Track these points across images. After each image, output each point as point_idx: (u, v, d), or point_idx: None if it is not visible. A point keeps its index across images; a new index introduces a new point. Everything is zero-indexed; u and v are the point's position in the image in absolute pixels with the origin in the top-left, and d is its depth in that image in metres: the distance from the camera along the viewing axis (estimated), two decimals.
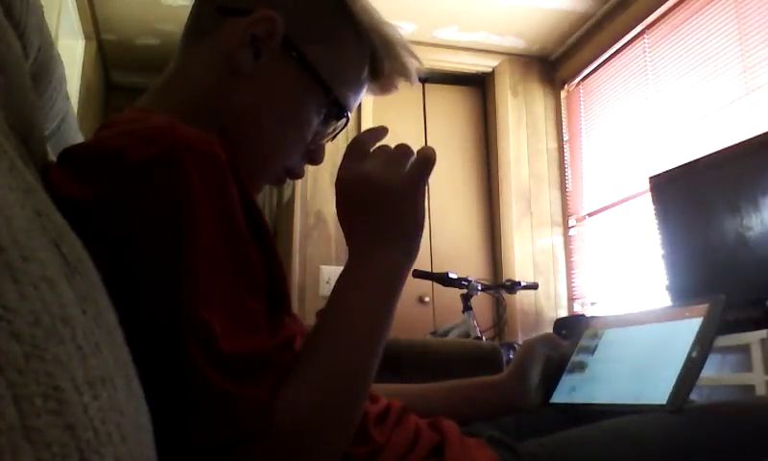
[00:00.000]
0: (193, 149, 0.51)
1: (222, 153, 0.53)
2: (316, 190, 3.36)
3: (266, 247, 0.57)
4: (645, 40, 3.14)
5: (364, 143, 0.64)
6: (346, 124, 0.74)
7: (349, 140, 0.64)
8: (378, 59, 0.74)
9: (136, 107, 0.68)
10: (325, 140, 0.76)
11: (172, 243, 0.49)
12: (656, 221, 2.12)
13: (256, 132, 0.69)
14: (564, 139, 3.74)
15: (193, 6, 0.73)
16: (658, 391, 0.71)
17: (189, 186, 0.50)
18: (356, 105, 0.76)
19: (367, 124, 3.47)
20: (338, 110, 0.72)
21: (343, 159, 0.63)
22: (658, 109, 3.01)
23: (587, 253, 3.50)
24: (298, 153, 0.73)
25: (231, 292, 0.51)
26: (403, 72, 0.76)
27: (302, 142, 0.72)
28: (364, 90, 0.76)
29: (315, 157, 0.75)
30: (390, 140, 0.64)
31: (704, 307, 0.74)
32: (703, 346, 0.71)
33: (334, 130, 0.75)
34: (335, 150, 0.86)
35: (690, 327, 0.74)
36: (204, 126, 0.58)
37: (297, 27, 0.68)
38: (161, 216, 0.49)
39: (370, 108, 3.51)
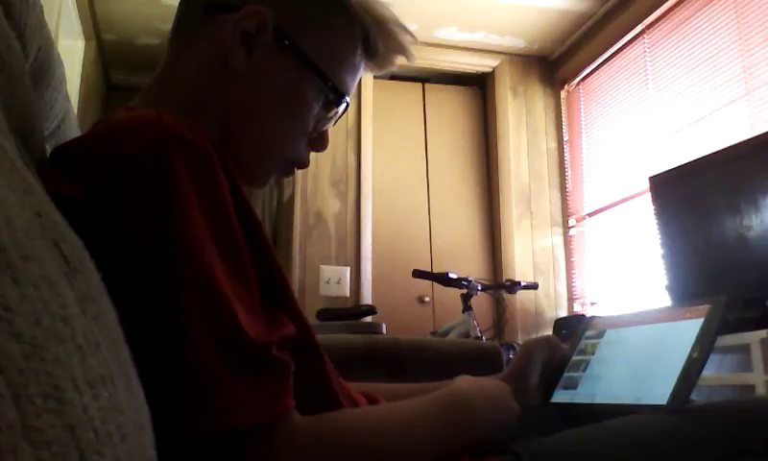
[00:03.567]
0: (181, 139, 0.52)
1: (209, 144, 0.54)
2: (316, 190, 3.36)
3: (258, 242, 0.57)
4: (645, 40, 3.14)
5: None
6: (346, 108, 0.74)
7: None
8: (372, 39, 0.74)
9: (129, 107, 0.68)
10: (327, 126, 0.76)
11: (162, 232, 0.49)
12: (656, 221, 2.12)
13: (258, 127, 0.69)
14: (564, 139, 3.74)
15: (179, 5, 0.73)
16: (658, 391, 0.70)
17: (177, 175, 0.50)
18: (354, 86, 0.76)
19: (367, 123, 3.47)
20: (337, 96, 0.72)
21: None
22: (657, 108, 3.01)
23: (587, 253, 3.50)
24: (301, 142, 0.73)
25: (224, 278, 0.50)
26: (399, 49, 0.76)
27: (305, 131, 0.72)
28: (361, 71, 0.76)
29: (319, 144, 0.75)
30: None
31: (705, 308, 0.74)
32: (704, 347, 0.71)
33: (335, 114, 0.75)
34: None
35: (691, 327, 0.73)
36: (202, 124, 0.58)
37: (287, 17, 0.68)
38: (151, 205, 0.50)
39: (370, 107, 3.51)
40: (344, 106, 0.73)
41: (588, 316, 3.07)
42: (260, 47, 0.67)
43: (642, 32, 3.15)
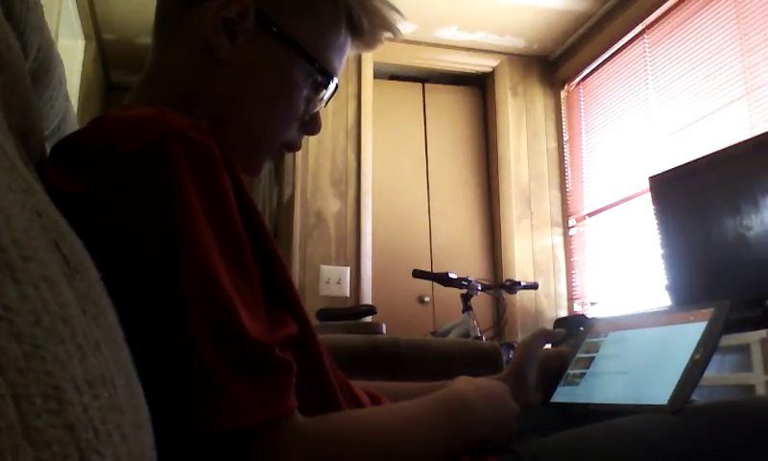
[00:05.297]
0: (184, 137, 0.51)
1: (213, 142, 0.53)
2: (316, 190, 3.36)
3: (261, 240, 0.57)
4: (645, 40, 3.14)
5: None
6: (336, 88, 0.74)
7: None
8: (356, 16, 0.73)
9: (123, 106, 0.68)
10: (319, 108, 0.75)
11: (164, 231, 0.49)
12: (656, 221, 2.12)
13: (248, 114, 0.69)
14: (564, 139, 3.74)
15: (158, 0, 0.72)
16: (658, 392, 0.70)
17: (179, 173, 0.50)
18: (342, 65, 0.75)
19: (367, 123, 3.47)
20: (325, 77, 0.71)
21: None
22: (657, 108, 3.01)
23: (587, 253, 3.50)
24: (293, 126, 0.73)
25: (226, 277, 0.50)
26: (385, 25, 0.75)
27: (296, 115, 0.72)
28: (347, 50, 0.75)
29: (312, 127, 0.75)
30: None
31: (709, 312, 0.74)
32: (706, 349, 0.71)
33: (324, 95, 0.74)
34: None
35: (694, 330, 0.73)
36: (196, 116, 0.58)
37: (268, 1, 0.68)
38: (153, 204, 0.49)
39: (370, 107, 3.51)
40: (333, 86, 0.73)
41: (589, 317, 3.07)
42: (243, 33, 0.67)
43: (642, 32, 3.15)
